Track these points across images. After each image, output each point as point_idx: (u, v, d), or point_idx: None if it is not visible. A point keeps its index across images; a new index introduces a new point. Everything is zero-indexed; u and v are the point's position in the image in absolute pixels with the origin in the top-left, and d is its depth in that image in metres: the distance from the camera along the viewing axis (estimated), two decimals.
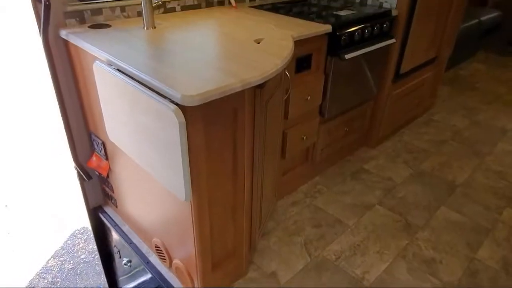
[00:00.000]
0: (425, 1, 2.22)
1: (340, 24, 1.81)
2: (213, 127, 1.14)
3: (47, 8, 1.37)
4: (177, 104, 0.99)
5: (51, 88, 1.57)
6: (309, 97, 1.82)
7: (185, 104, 0.97)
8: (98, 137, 1.64)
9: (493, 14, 4.16)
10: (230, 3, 2.04)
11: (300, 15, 1.93)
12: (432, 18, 2.41)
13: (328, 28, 1.73)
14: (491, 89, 3.70)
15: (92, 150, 1.76)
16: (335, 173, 2.36)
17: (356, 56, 1.93)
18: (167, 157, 1.11)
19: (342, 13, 1.98)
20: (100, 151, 1.68)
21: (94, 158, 1.74)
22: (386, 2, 2.18)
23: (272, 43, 1.42)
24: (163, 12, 1.81)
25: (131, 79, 1.14)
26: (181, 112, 0.99)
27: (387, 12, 2.11)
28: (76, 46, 1.43)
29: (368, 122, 2.48)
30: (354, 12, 2.02)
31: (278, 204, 2.08)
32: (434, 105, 3.30)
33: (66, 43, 1.50)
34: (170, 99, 1.00)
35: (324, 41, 1.79)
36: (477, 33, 4.06)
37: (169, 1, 1.82)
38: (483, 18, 3.91)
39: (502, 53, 4.75)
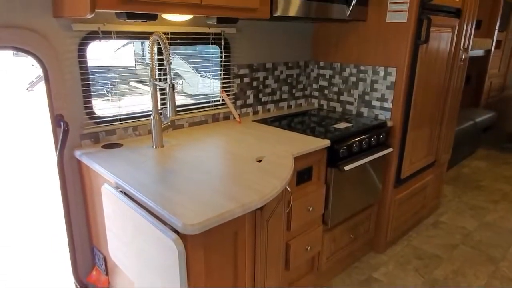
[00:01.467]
0: (418, 112, 2.37)
1: (338, 138, 1.92)
2: (213, 252, 1.15)
3: (66, 133, 1.49)
4: (177, 232, 1.02)
5: (59, 200, 1.63)
6: (311, 208, 1.84)
7: (186, 233, 0.99)
8: (100, 251, 1.64)
9: (487, 115, 4.36)
10: (235, 117, 2.19)
11: (300, 129, 2.05)
12: (426, 126, 2.54)
13: (326, 143, 1.83)
14: (496, 187, 3.70)
15: (93, 264, 1.74)
16: (343, 282, 2.26)
17: (356, 167, 2.00)
18: (166, 282, 1.10)
19: (340, 126, 2.11)
20: (101, 266, 1.66)
21: (94, 273, 1.71)
22: (381, 114, 2.33)
23: (273, 161, 1.50)
24: (173, 129, 1.95)
25: (135, 203, 1.19)
26: (181, 241, 1.01)
27: (383, 124, 2.24)
28: (87, 166, 1.52)
29: (373, 226, 2.46)
30: (351, 124, 2.16)
31: None
32: (440, 206, 3.28)
33: (79, 161, 1.60)
34: (171, 225, 1.03)
35: (324, 154, 1.87)
36: (474, 133, 4.21)
37: (178, 119, 1.97)
38: (478, 119, 4.10)
39: (501, 149, 4.86)
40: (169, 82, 1.43)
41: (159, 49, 1.83)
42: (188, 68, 2.28)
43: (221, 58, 2.09)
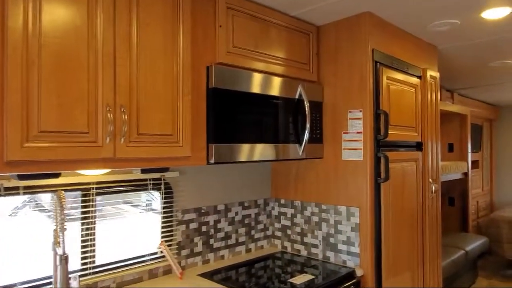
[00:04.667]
0: (391, 256, 2.07)
1: None
2: None
3: None
4: None
5: None
6: None
7: None
8: None
9: (479, 242, 4.04)
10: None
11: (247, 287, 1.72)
12: (405, 271, 2.21)
13: None
14: None
15: None
16: None
17: None
18: None
19: (298, 281, 1.78)
20: None
21: None
22: (349, 260, 2.03)
23: None
24: None
25: None
26: None
27: (350, 274, 1.92)
28: None
29: None
30: (313, 276, 1.83)
31: None
32: None
33: None
34: None
35: None
36: (468, 263, 3.82)
37: (102, 280, 1.64)
38: (469, 248, 3.76)
39: (503, 277, 4.39)
40: (62, 252, 1.17)
41: (85, 201, 1.62)
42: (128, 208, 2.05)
43: (161, 204, 1.88)
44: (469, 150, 4.65)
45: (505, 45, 2.58)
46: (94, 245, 1.65)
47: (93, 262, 1.64)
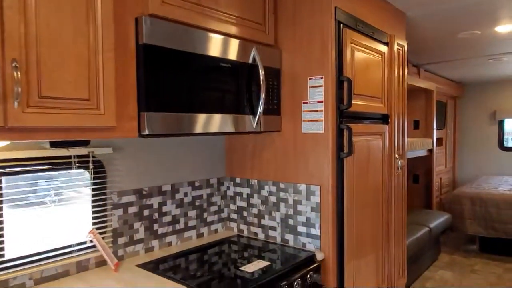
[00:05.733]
0: (355, 237, 1.92)
1: None
2: None
3: None
4: None
5: None
6: None
7: None
8: None
9: (442, 218, 4.03)
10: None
11: (192, 278, 1.51)
12: (369, 252, 2.07)
13: None
14: None
15: None
16: None
17: None
18: None
19: (249, 269, 1.58)
20: None
21: None
22: (309, 243, 1.85)
23: None
24: None
25: None
26: None
27: (310, 258, 1.74)
28: None
29: None
30: (265, 265, 1.63)
31: None
32: None
33: None
34: None
35: None
36: (432, 240, 3.80)
37: (13, 278, 1.37)
38: (432, 225, 3.73)
39: (465, 253, 4.45)
40: None
41: None
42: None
43: (91, 186, 1.60)
44: (434, 127, 4.60)
45: (476, 9, 2.42)
46: (1, 235, 1.36)
47: (1, 256, 1.36)
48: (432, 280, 3.74)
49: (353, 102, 1.83)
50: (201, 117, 1.49)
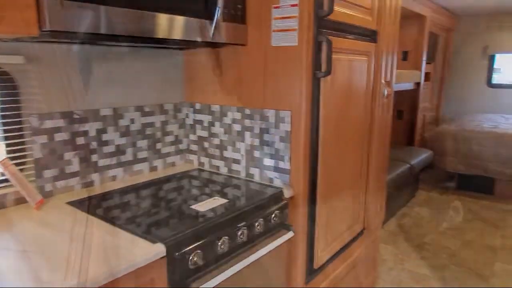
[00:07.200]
0: (329, 173, 1.67)
1: (187, 237, 1.13)
2: None
3: None
4: None
5: None
6: None
7: None
8: None
9: (424, 155, 3.87)
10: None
11: (129, 220, 1.25)
12: (346, 188, 1.84)
13: (158, 251, 1.03)
14: (441, 244, 3.10)
15: None
16: None
17: (228, 278, 1.21)
18: None
19: (203, 208, 1.32)
20: None
21: None
22: (276, 178, 1.59)
23: None
24: None
25: None
26: None
27: (277, 195, 1.49)
28: None
29: None
30: (224, 202, 1.38)
31: None
32: (378, 279, 2.57)
33: None
34: None
35: (161, 270, 1.06)
36: (411, 177, 3.67)
37: None
38: (414, 161, 3.57)
39: (442, 190, 4.40)
40: None
41: None
42: None
43: None
44: (424, 59, 4.28)
45: None
46: None
47: None
48: (408, 216, 3.67)
49: (335, 8, 1.47)
50: (133, 14, 1.12)
